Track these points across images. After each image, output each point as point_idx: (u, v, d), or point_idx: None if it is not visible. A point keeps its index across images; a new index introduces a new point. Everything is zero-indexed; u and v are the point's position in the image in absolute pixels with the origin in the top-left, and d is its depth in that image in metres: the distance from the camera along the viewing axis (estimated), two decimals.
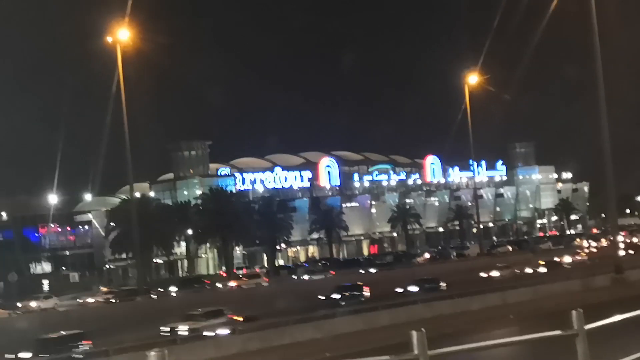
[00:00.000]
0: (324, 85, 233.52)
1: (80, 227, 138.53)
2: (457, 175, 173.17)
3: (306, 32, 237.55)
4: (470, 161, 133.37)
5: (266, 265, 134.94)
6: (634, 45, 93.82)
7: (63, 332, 46.44)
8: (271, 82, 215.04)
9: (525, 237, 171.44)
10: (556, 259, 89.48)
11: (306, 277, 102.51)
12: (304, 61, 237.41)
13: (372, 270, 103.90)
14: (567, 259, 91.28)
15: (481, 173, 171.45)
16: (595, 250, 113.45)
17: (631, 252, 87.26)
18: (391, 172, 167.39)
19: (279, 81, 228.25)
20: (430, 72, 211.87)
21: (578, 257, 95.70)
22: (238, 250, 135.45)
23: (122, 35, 74.16)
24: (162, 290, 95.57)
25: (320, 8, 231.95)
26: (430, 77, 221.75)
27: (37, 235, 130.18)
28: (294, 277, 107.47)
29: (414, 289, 65.25)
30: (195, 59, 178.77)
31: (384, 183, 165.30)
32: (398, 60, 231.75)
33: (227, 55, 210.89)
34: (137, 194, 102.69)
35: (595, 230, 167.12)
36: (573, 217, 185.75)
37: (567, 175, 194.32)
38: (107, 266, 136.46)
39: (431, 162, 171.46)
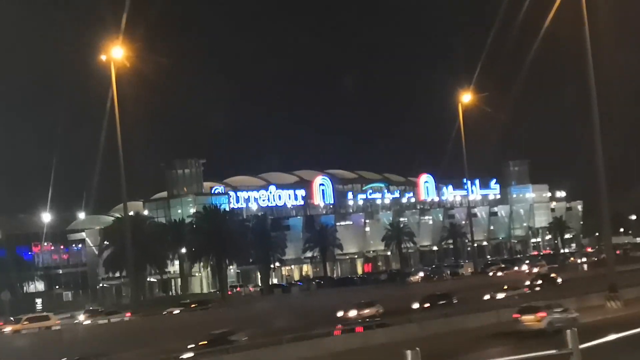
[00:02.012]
0: (318, 104, 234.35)
1: (73, 245, 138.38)
2: (451, 194, 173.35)
3: (302, 53, 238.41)
4: (464, 180, 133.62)
5: (260, 284, 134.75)
6: (627, 64, 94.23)
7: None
8: (266, 100, 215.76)
9: (519, 255, 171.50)
10: (552, 275, 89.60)
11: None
12: (299, 80, 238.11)
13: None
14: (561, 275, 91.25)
15: (475, 192, 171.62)
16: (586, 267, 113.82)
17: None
18: (385, 191, 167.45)
19: (274, 100, 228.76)
20: (424, 91, 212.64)
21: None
22: (232, 269, 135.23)
23: (116, 53, 74.30)
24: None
25: (317, 29, 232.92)
26: (424, 97, 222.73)
27: (30, 253, 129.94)
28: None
29: (500, 295, 69.07)
30: (190, 77, 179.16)
31: (378, 201, 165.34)
32: (392, 79, 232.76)
33: (222, 74, 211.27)
34: (131, 213, 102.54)
35: (589, 249, 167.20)
36: (567, 235, 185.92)
37: (560, 194, 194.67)
38: (101, 285, 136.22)
39: (425, 181, 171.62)
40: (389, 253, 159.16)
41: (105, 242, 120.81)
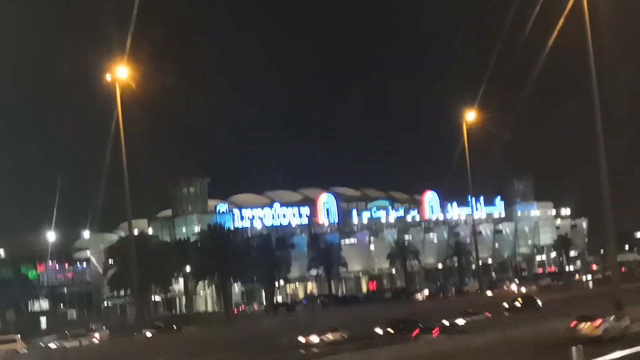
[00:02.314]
0: (323, 122, 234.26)
1: (78, 264, 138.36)
2: (455, 212, 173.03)
3: (306, 70, 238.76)
4: (469, 197, 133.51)
5: (264, 302, 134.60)
6: (631, 79, 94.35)
7: None
8: (270, 118, 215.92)
9: (525, 273, 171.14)
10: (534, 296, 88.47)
11: None
12: (304, 98, 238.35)
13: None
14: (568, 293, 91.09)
15: (479, 209, 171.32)
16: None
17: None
18: (390, 208, 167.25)
19: (278, 118, 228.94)
20: (429, 109, 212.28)
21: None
22: (237, 287, 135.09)
23: (121, 73, 74.56)
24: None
25: (320, 48, 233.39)
26: (429, 114, 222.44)
27: (35, 272, 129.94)
28: None
29: (460, 321, 64.04)
30: (194, 96, 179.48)
31: (383, 219, 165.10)
32: (397, 97, 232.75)
33: (227, 92, 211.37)
34: (136, 231, 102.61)
35: (594, 267, 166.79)
36: (572, 253, 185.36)
37: (565, 211, 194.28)
38: (105, 304, 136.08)
39: (429, 198, 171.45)
40: (393, 271, 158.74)
41: (110, 261, 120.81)
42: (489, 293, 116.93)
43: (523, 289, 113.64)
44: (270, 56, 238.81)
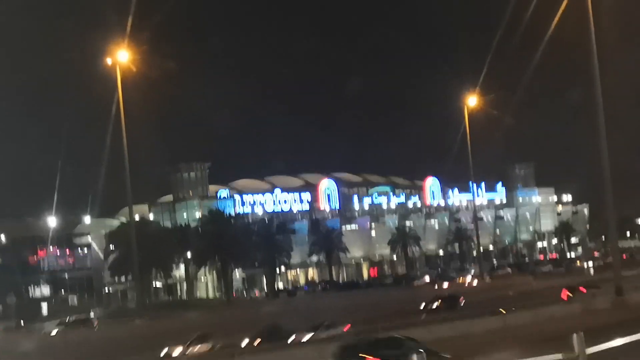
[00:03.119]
0: (324, 107, 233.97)
1: (79, 249, 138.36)
2: (456, 197, 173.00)
3: (307, 55, 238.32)
4: (470, 183, 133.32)
5: (265, 288, 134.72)
6: (634, 66, 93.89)
7: None
8: (271, 103, 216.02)
9: (526, 259, 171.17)
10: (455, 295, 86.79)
11: None
12: (305, 83, 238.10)
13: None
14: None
15: (481, 195, 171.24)
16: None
17: None
18: (391, 194, 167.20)
19: (279, 103, 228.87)
20: (430, 94, 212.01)
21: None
22: (237, 273, 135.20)
23: (121, 57, 74.25)
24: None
25: (321, 32, 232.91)
26: (430, 99, 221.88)
27: (36, 257, 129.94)
28: None
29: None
30: (195, 80, 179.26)
31: (384, 205, 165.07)
32: (398, 82, 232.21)
33: (228, 78, 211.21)
34: (137, 216, 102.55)
35: (596, 254, 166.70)
36: (573, 239, 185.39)
37: (567, 197, 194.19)
38: (106, 289, 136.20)
39: (431, 184, 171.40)
40: (394, 257, 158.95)
41: (111, 246, 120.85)
42: (468, 278, 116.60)
43: (475, 281, 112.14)
44: (272, 42, 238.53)
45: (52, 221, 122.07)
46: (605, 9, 60.25)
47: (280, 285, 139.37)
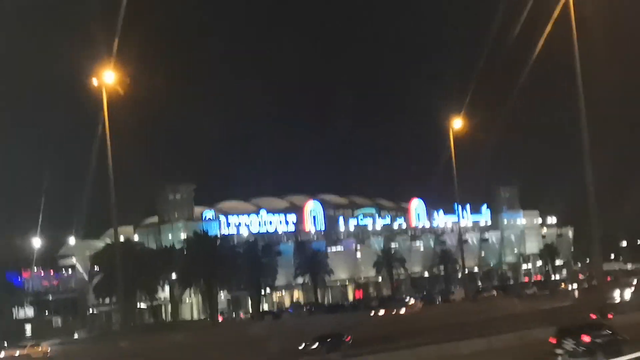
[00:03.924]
0: (310, 129, 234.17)
1: (64, 271, 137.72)
2: (442, 219, 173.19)
3: (292, 77, 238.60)
4: (455, 205, 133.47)
5: (250, 310, 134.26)
6: (617, 87, 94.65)
7: None
8: (257, 125, 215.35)
9: (511, 282, 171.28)
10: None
11: None
12: (290, 105, 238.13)
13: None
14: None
15: (466, 217, 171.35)
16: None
17: None
18: (376, 216, 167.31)
19: (265, 125, 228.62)
20: (415, 116, 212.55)
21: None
22: (223, 295, 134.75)
23: (107, 77, 74.16)
24: None
25: (306, 54, 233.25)
26: (415, 122, 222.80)
27: (20, 279, 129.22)
28: None
29: None
30: (182, 102, 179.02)
31: (369, 227, 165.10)
32: (384, 104, 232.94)
33: (214, 100, 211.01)
34: (122, 238, 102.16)
35: (580, 276, 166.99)
36: (558, 262, 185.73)
37: (551, 219, 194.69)
38: (91, 311, 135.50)
39: (416, 206, 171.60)
40: (380, 279, 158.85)
41: (96, 268, 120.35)
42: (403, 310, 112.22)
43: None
44: (258, 64, 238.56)
45: (37, 242, 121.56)
46: (590, 33, 60.84)
47: (266, 307, 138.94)
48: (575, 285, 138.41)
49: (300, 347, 51.49)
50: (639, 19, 76.13)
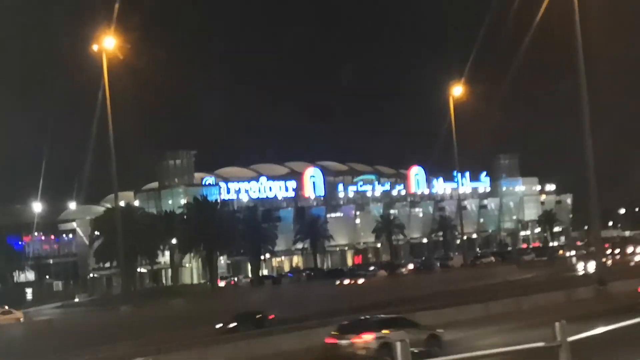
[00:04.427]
0: (311, 96, 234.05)
1: (64, 235, 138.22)
2: (441, 186, 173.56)
3: (294, 45, 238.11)
4: (454, 172, 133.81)
5: (250, 275, 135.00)
6: (619, 57, 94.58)
7: None
8: (258, 92, 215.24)
9: (509, 248, 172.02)
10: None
11: None
12: (292, 72, 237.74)
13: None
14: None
15: (465, 184, 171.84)
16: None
17: None
18: (376, 183, 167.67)
19: (266, 91, 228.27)
20: (416, 83, 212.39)
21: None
22: (222, 260, 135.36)
23: (108, 44, 74.15)
24: None
25: (309, 22, 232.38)
26: (416, 89, 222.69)
27: (20, 243, 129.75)
28: None
29: None
30: (182, 69, 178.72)
31: (369, 193, 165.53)
32: (384, 71, 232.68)
33: (215, 66, 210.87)
34: (122, 203, 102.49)
35: (579, 243, 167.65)
36: (556, 229, 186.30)
37: (550, 187, 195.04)
38: (91, 275, 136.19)
39: (415, 173, 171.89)
40: (379, 245, 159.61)
41: (96, 233, 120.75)
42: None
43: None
44: (260, 31, 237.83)
45: (37, 207, 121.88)
46: (592, 2, 60.76)
47: (265, 272, 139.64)
48: (573, 252, 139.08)
49: (218, 326, 47.71)
50: None
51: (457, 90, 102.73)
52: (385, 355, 28.82)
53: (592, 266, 78.80)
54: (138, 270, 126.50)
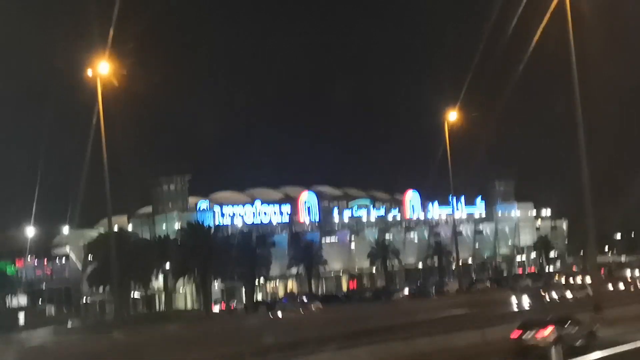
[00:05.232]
0: (305, 121, 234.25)
1: (57, 260, 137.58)
2: (436, 211, 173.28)
3: (289, 69, 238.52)
4: (450, 197, 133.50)
5: (244, 301, 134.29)
6: (615, 79, 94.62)
7: None
8: (252, 116, 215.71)
9: (505, 274, 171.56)
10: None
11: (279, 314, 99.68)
12: (286, 97, 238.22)
13: None
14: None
15: (460, 209, 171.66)
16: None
17: None
18: (371, 208, 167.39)
19: (261, 116, 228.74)
20: (411, 108, 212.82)
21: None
22: (216, 285, 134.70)
23: (102, 68, 73.88)
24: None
25: (302, 47, 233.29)
26: (411, 114, 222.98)
27: (13, 268, 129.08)
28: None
29: None
30: (176, 93, 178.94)
31: (364, 219, 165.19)
32: (379, 96, 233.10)
33: (210, 91, 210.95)
34: (115, 228, 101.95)
35: (574, 268, 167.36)
36: (552, 254, 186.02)
37: (546, 212, 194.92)
38: (84, 300, 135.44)
39: (410, 198, 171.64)
40: (374, 270, 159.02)
41: (89, 258, 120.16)
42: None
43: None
44: (254, 55, 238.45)
45: (30, 231, 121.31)
46: (586, 27, 60.76)
47: (260, 297, 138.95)
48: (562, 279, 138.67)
49: None
50: (637, 13, 76.06)
51: (452, 115, 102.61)
52: (560, 346, 35.81)
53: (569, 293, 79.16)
54: (131, 295, 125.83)
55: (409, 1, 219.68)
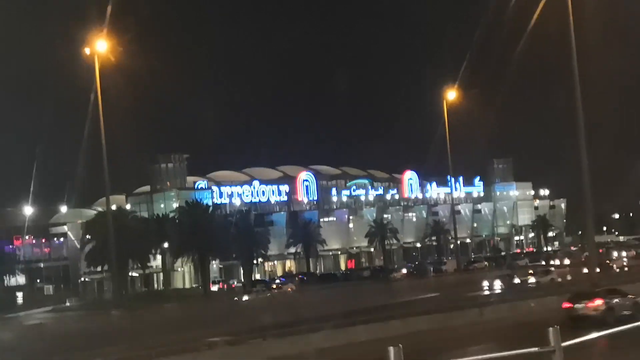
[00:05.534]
0: (304, 100, 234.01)
1: (55, 239, 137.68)
2: (434, 191, 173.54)
3: (288, 49, 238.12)
4: (448, 177, 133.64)
5: (242, 280, 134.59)
6: (614, 63, 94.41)
7: None
8: (251, 96, 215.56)
9: (502, 253, 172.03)
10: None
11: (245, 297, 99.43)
12: (285, 76, 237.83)
13: None
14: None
15: (459, 189, 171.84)
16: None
17: None
18: (369, 187, 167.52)
19: (260, 95, 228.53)
20: (410, 88, 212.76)
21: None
22: (215, 264, 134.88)
23: (100, 47, 73.65)
24: None
25: (304, 27, 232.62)
26: (410, 93, 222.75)
27: (11, 247, 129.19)
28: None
29: None
30: (176, 72, 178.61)
31: (362, 198, 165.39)
32: (378, 76, 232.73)
33: (209, 70, 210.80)
34: (114, 207, 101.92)
35: (572, 248, 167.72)
36: (550, 234, 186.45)
37: (544, 192, 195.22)
38: (82, 279, 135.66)
39: (409, 178, 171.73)
40: (372, 249, 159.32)
41: (87, 236, 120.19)
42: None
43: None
44: (254, 35, 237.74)
45: (28, 210, 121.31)
46: (587, 5, 60.51)
47: (258, 276, 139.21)
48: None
49: None
50: None
51: (451, 94, 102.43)
52: (609, 316, 40.40)
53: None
54: (130, 274, 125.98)
55: None
